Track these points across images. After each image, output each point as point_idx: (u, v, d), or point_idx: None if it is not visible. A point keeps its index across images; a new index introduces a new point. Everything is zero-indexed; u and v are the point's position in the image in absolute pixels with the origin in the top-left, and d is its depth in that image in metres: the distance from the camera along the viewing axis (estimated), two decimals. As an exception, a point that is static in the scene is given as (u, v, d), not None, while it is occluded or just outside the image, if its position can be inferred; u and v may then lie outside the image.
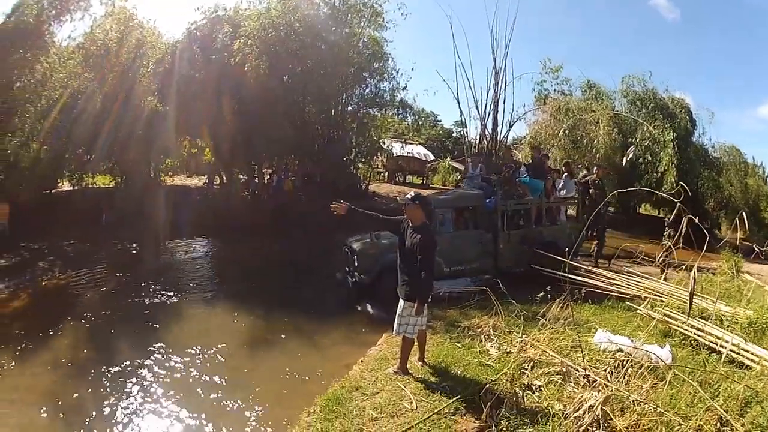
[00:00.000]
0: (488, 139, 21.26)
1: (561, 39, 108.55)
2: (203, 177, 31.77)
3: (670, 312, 8.33)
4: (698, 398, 5.25)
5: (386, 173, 37.44)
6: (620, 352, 6.58)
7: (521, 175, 13.94)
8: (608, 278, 11.08)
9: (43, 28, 20.79)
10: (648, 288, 9.86)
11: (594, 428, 4.93)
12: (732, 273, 12.18)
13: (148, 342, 9.71)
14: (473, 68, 38.86)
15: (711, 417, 4.80)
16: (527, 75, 26.08)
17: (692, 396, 5.36)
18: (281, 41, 20.90)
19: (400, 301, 6.64)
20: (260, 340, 9.83)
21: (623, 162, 18.06)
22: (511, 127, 22.44)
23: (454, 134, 47.27)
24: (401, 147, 33.89)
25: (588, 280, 10.74)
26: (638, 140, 22.13)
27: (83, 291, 13.79)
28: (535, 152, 15.00)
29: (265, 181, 28.05)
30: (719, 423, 4.77)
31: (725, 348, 6.80)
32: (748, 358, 6.56)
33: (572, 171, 15.32)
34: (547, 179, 13.88)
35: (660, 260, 12.94)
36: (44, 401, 7.49)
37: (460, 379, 6.53)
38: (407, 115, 28.47)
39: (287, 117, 21.45)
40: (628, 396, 5.30)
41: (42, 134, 21.57)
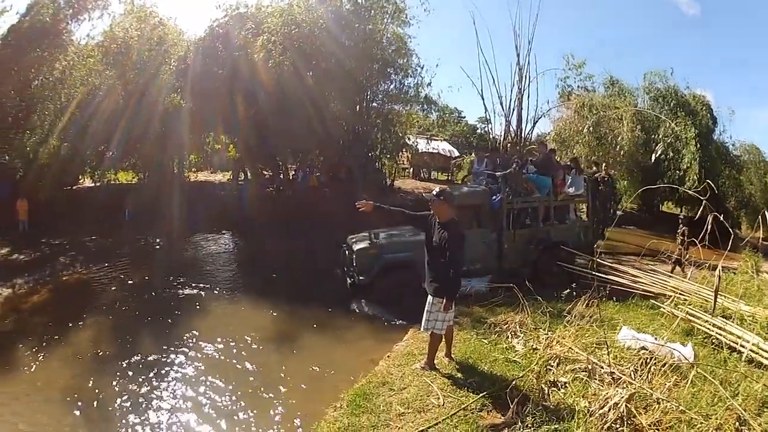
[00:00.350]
0: (513, 136, 21.27)
1: (582, 35, 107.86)
2: (227, 173, 31.97)
3: (693, 311, 8.32)
4: (718, 397, 5.28)
5: (411, 169, 37.35)
6: (644, 350, 6.62)
7: (528, 172, 13.48)
8: (633, 276, 11.08)
9: (61, 27, 21.06)
10: (672, 286, 9.86)
11: (618, 426, 4.93)
12: (752, 272, 12.00)
13: (172, 336, 9.83)
14: (497, 64, 38.84)
15: (730, 416, 4.82)
16: (550, 71, 25.99)
17: (713, 395, 5.38)
18: (304, 38, 20.88)
19: (428, 297, 6.63)
20: (285, 334, 9.89)
21: (652, 158, 17.94)
22: (536, 124, 22.42)
23: (479, 130, 47.09)
24: (426, 143, 33.83)
25: (613, 278, 10.75)
26: (661, 137, 21.99)
27: (105, 285, 13.86)
28: (542, 147, 14.51)
29: (290, 177, 28.14)
30: (738, 422, 4.78)
31: (745, 348, 6.82)
32: (766, 358, 6.58)
33: (580, 167, 14.85)
34: (557, 175, 13.43)
35: (673, 257, 13.07)
36: (63, 395, 7.59)
37: (487, 376, 6.56)
38: (432, 111, 28.31)
39: (312, 113, 21.37)
40: (652, 394, 5.32)
41: (62, 131, 21.80)
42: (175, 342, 9.54)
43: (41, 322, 10.90)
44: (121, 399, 7.52)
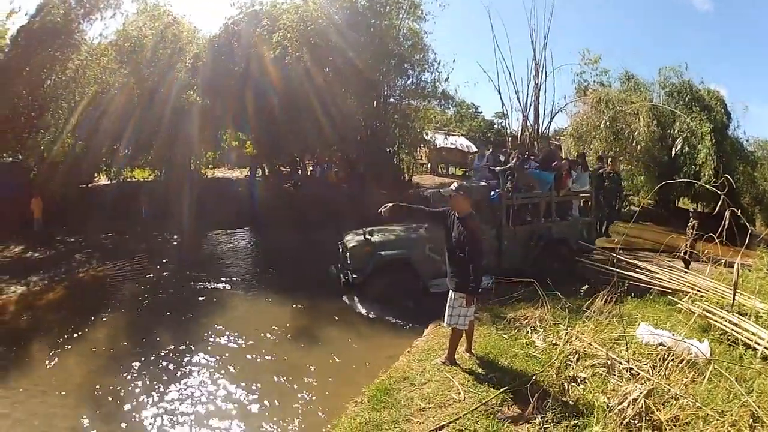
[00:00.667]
0: (530, 130, 21.26)
1: (596, 30, 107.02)
2: (245, 169, 32.00)
3: (710, 307, 8.32)
4: (733, 394, 5.30)
5: (429, 164, 37.27)
6: (662, 346, 6.65)
7: (531, 167, 13.24)
8: (650, 272, 11.07)
9: (72, 27, 21.26)
10: (689, 283, 9.87)
11: (636, 421, 4.96)
12: (767, 270, 11.95)
13: (191, 330, 9.91)
14: (513, 60, 38.65)
15: (744, 413, 4.84)
16: (566, 66, 25.96)
17: (728, 391, 5.40)
18: (320, 34, 20.84)
19: (450, 293, 6.65)
20: (304, 329, 9.94)
21: (673, 153, 17.82)
22: (553, 119, 22.40)
23: (496, 126, 46.92)
24: (444, 138, 33.82)
25: (631, 274, 10.79)
26: (677, 132, 21.87)
27: (122, 282, 13.88)
28: (545, 142, 14.21)
29: (308, 173, 28.40)
30: (752, 419, 4.80)
31: (761, 345, 6.84)
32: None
33: (586, 163, 14.72)
34: (562, 169, 12.97)
35: (683, 252, 12.94)
36: (79, 392, 7.64)
37: (507, 371, 6.58)
38: (449, 107, 28.23)
39: (328, 109, 21.36)
40: (669, 390, 5.34)
41: (76, 129, 21.90)
42: (195, 336, 9.62)
43: (57, 319, 10.95)
44: (139, 393, 7.59)
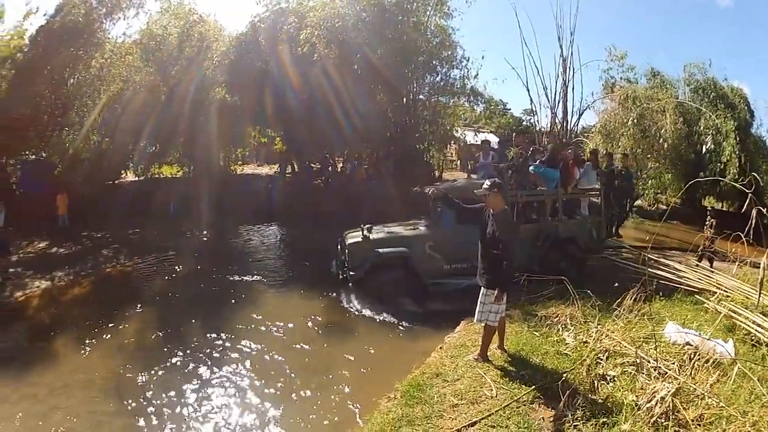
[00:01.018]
0: (559, 128, 21.18)
1: (620, 25, 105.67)
2: (274, 166, 32.21)
3: (735, 307, 8.29)
4: (755, 394, 5.36)
5: (459, 161, 36.81)
6: (689, 345, 6.68)
7: (535, 163, 12.47)
8: (678, 271, 11.06)
9: (95, 26, 21.43)
10: (715, 282, 9.86)
11: (663, 420, 5.02)
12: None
13: (221, 325, 10.00)
14: (541, 56, 38.41)
15: (765, 413, 4.89)
16: (593, 62, 25.80)
17: (750, 392, 5.45)
18: (348, 31, 20.82)
19: (481, 289, 6.71)
20: (333, 325, 10.07)
21: (702, 150, 17.64)
22: (581, 116, 22.27)
23: (524, 122, 46.67)
24: (474, 135, 33.86)
25: (659, 272, 10.79)
26: (702, 129, 21.70)
27: (151, 277, 14.09)
28: (550, 138, 13.77)
29: (338, 170, 28.42)
30: None
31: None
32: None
33: (597, 160, 14.20)
34: (567, 159, 12.59)
35: (700, 250, 12.93)
36: (103, 386, 7.78)
37: (538, 368, 6.66)
38: (478, 103, 27.67)
39: (357, 105, 21.44)
40: (695, 389, 5.40)
41: (102, 127, 22.31)
42: (225, 330, 9.74)
43: (82, 314, 11.04)
44: (167, 387, 7.70)
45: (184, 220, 20.41)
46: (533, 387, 6.10)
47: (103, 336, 9.77)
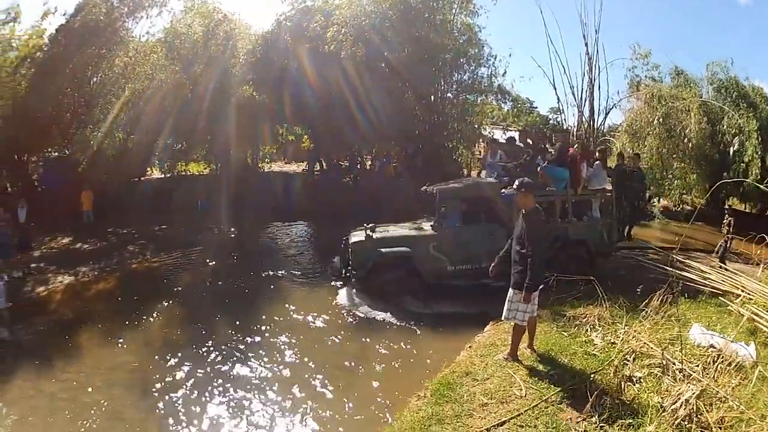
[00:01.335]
0: (586, 126, 21.20)
1: (643, 22, 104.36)
2: (302, 163, 32.57)
3: (757, 309, 8.26)
4: None
5: None
6: (713, 348, 6.73)
7: (544, 164, 12.11)
8: (703, 272, 11.04)
9: (117, 25, 21.71)
10: (739, 285, 9.82)
11: (686, 422, 5.07)
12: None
13: (249, 320, 10.17)
14: (567, 54, 38.29)
15: None
16: (618, 61, 25.77)
17: None
18: (375, 29, 20.94)
19: (510, 288, 6.77)
20: (361, 323, 10.17)
21: (730, 152, 17.56)
22: (608, 114, 22.33)
23: (551, 121, 46.46)
24: (502, 134, 34.02)
25: (685, 274, 10.81)
26: (725, 129, 21.42)
27: (178, 272, 14.24)
28: (559, 136, 13.28)
29: (368, 167, 28.75)
30: None
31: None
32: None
33: (606, 159, 13.79)
34: (576, 155, 12.14)
35: (718, 250, 12.98)
36: (129, 380, 7.93)
37: (567, 368, 6.68)
38: (506, 101, 27.98)
39: (385, 103, 21.53)
40: (717, 392, 5.46)
41: (128, 124, 22.60)
42: (254, 325, 9.93)
43: (106, 309, 11.27)
44: (195, 381, 7.87)
45: (211, 217, 20.54)
46: (561, 387, 6.10)
47: (129, 331, 9.93)
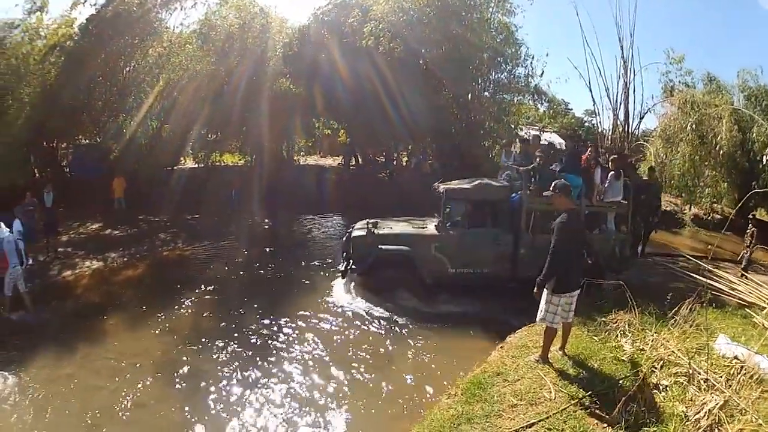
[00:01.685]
0: (621, 130, 21.20)
1: (674, 29, 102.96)
2: (337, 157, 32.74)
3: None
4: None
5: None
6: (737, 359, 6.80)
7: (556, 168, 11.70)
8: (731, 283, 11.00)
9: (150, 16, 22.01)
10: (765, 297, 9.87)
11: None
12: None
13: (281, 311, 10.32)
14: (602, 56, 37.95)
15: None
16: (653, 65, 25.62)
17: None
18: (412, 25, 20.95)
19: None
20: (391, 318, 10.28)
21: (763, 161, 17.47)
22: (642, 119, 22.34)
23: (586, 123, 46.30)
24: (538, 134, 34.05)
25: (713, 283, 10.76)
26: (755, 137, 21.29)
27: (210, 261, 14.37)
28: (571, 141, 13.05)
29: (404, 164, 29.03)
30: None
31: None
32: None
33: (619, 169, 12.21)
34: (590, 161, 11.86)
35: (739, 259, 13.15)
36: (154, 367, 8.11)
37: (596, 373, 6.79)
38: (542, 102, 27.83)
39: (422, 100, 21.50)
40: (738, 404, 5.51)
41: (162, 114, 22.97)
42: (285, 316, 10.11)
43: (135, 295, 11.52)
44: (223, 372, 8.02)
45: (245, 208, 20.75)
46: (590, 392, 6.19)
47: (156, 318, 10.08)
